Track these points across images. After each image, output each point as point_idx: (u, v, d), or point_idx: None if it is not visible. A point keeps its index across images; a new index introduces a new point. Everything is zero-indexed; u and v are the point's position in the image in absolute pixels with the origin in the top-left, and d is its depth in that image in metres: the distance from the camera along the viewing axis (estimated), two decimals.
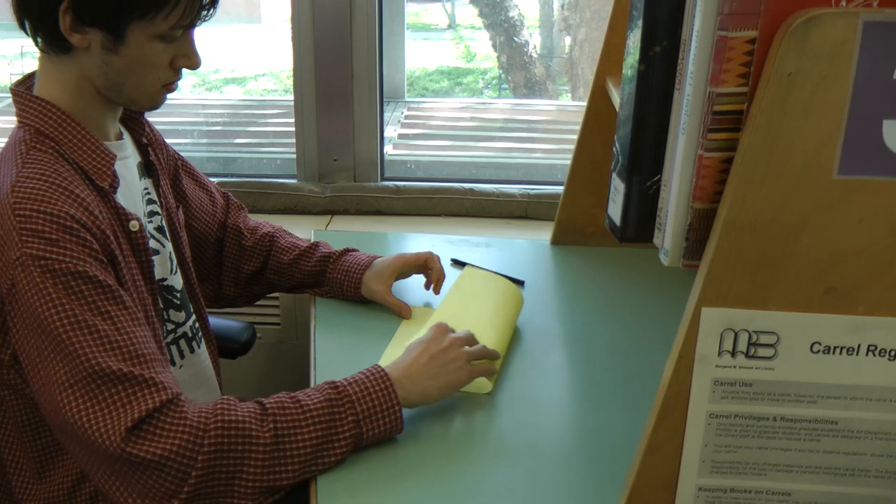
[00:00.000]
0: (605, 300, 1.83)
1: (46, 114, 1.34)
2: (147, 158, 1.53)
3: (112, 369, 1.18)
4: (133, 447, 1.16)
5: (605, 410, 1.44)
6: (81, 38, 1.29)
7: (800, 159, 0.90)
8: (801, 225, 0.92)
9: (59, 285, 1.20)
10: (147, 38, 1.30)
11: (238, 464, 1.21)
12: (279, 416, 1.25)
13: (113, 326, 1.22)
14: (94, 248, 1.25)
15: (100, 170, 1.35)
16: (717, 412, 1.00)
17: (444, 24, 6.46)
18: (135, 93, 1.37)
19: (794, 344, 0.97)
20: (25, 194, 1.23)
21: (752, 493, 1.04)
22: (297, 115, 2.32)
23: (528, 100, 3.93)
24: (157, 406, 1.19)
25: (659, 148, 1.02)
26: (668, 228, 0.99)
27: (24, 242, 1.21)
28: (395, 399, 1.32)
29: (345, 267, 1.74)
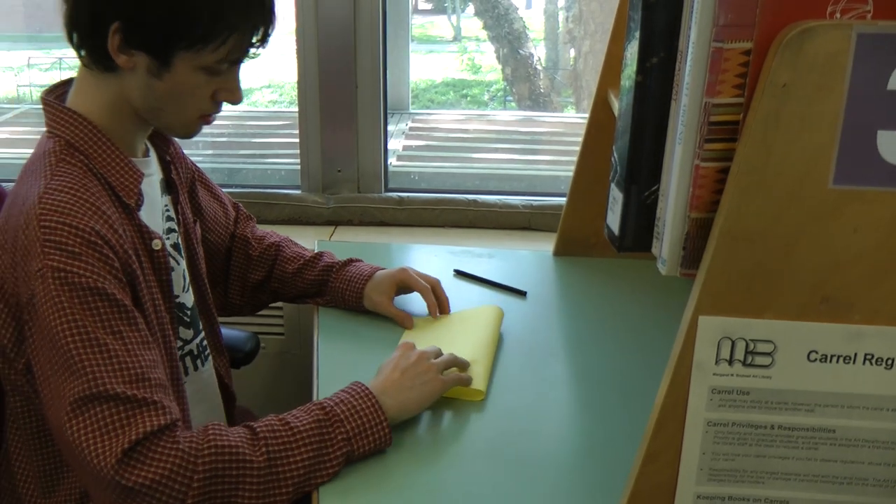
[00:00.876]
0: (607, 311, 1.84)
1: (78, 127, 1.34)
2: (169, 175, 1.54)
3: (115, 391, 1.18)
4: (125, 473, 1.16)
5: (605, 420, 1.44)
6: (127, 60, 1.30)
7: (795, 170, 0.91)
8: (797, 235, 0.93)
9: (76, 299, 1.20)
10: (192, 69, 1.31)
11: (233, 488, 1.21)
12: (270, 439, 1.25)
13: (123, 347, 1.21)
14: (114, 266, 1.25)
15: (127, 187, 1.35)
16: (715, 420, 1.01)
17: (450, 37, 6.49)
18: (172, 120, 1.38)
19: (791, 352, 0.97)
20: (52, 206, 1.24)
21: (750, 502, 1.05)
22: (301, 127, 2.33)
23: (532, 112, 3.94)
24: (153, 430, 1.18)
25: (657, 158, 1.03)
26: (666, 238, 1.00)
27: (47, 254, 1.21)
28: (382, 415, 1.33)
29: (347, 277, 1.75)
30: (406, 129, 2.93)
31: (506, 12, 3.97)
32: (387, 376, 1.40)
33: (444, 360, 1.46)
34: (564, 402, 1.52)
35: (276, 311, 2.19)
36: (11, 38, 5.22)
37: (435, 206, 2.33)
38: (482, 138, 3.00)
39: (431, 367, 1.43)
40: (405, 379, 1.40)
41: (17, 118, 3.35)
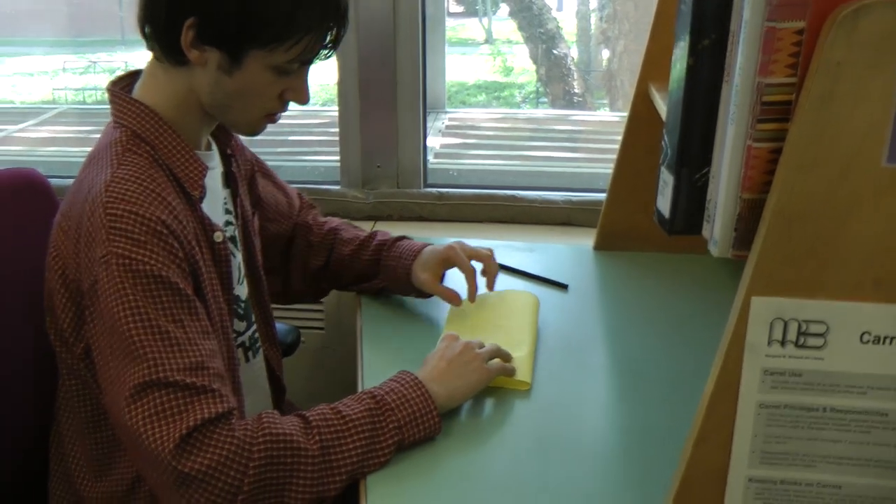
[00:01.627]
0: (649, 303, 1.83)
1: (145, 118, 1.36)
2: (229, 168, 1.56)
3: (175, 379, 1.19)
4: (182, 459, 1.17)
5: (650, 409, 1.45)
6: (199, 56, 1.32)
7: (848, 148, 0.90)
8: (849, 214, 0.92)
9: (139, 287, 1.22)
10: (263, 67, 1.33)
11: (287, 476, 1.22)
12: (323, 428, 1.26)
13: (184, 335, 1.23)
14: (178, 256, 1.27)
15: (192, 179, 1.37)
16: (767, 402, 1.00)
17: (481, 39, 6.50)
18: (238, 117, 1.40)
19: (844, 334, 0.97)
20: (118, 195, 1.25)
21: (802, 486, 1.04)
22: (341, 122, 2.35)
23: (567, 110, 3.94)
24: (211, 417, 1.19)
25: (707, 140, 1.03)
26: (717, 219, 1.00)
27: (112, 241, 1.23)
28: (432, 403, 1.34)
29: (397, 254, 1.74)
30: (443, 127, 2.94)
31: (539, 13, 3.98)
32: (434, 366, 1.42)
33: (489, 350, 1.47)
34: (608, 391, 1.52)
35: (316, 305, 2.20)
36: (48, 42, 5.31)
37: (475, 202, 2.34)
38: (519, 136, 3.00)
39: (477, 357, 1.44)
40: (452, 368, 1.41)
41: (56, 118, 3.40)
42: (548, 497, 1.24)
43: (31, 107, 4.16)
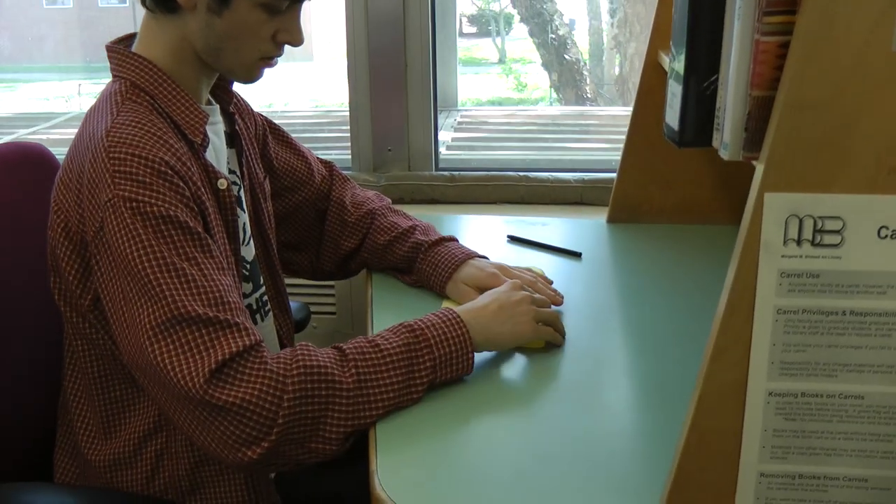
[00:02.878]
0: (662, 270, 1.82)
1: (143, 69, 1.36)
2: (232, 128, 1.55)
3: (198, 312, 1.18)
4: (215, 391, 1.15)
5: (664, 364, 1.43)
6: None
7: (858, 35, 0.89)
8: (862, 102, 0.90)
9: (149, 228, 1.21)
10: (252, 5, 1.32)
11: (323, 409, 1.21)
12: (360, 360, 1.25)
13: (200, 272, 1.22)
14: (185, 196, 1.26)
15: (193, 126, 1.36)
16: (785, 307, 0.98)
17: (495, 59, 6.51)
18: (233, 60, 1.39)
19: (861, 229, 0.94)
20: (120, 139, 1.25)
21: (823, 398, 1.02)
22: (351, 106, 2.35)
23: (581, 107, 3.94)
24: (239, 350, 1.18)
25: (715, 48, 1.01)
26: (727, 120, 0.98)
27: (117, 184, 1.22)
28: (469, 345, 1.32)
29: (434, 261, 1.66)
30: (455, 122, 2.94)
31: (551, 18, 3.98)
32: (484, 305, 1.40)
33: (546, 312, 1.45)
34: (624, 349, 1.50)
35: (328, 289, 2.19)
36: (62, 68, 5.36)
37: (486, 183, 2.33)
38: (531, 129, 2.99)
39: (530, 311, 1.42)
40: (501, 313, 1.39)
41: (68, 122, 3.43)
42: (562, 448, 1.22)
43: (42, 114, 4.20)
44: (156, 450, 1.38)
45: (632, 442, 1.23)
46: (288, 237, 1.76)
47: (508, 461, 1.18)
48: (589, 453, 1.20)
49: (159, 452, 1.38)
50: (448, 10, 2.73)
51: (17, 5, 5.21)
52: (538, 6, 3.97)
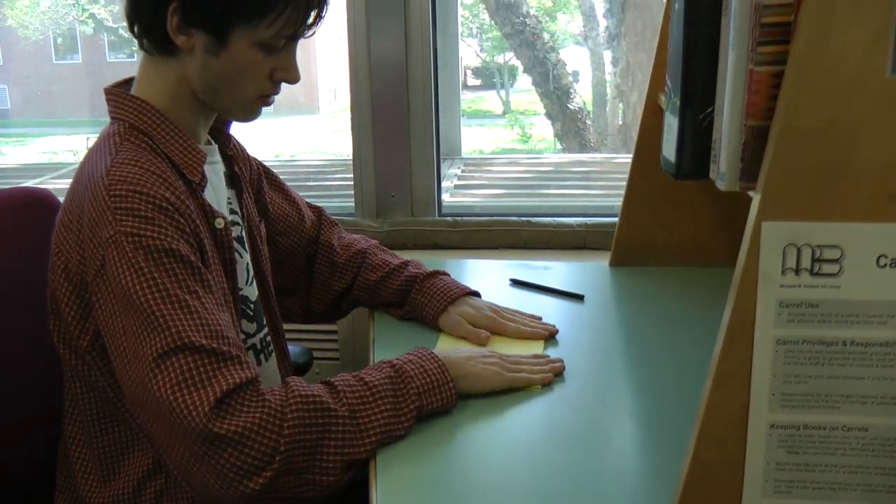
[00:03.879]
0: (666, 313, 1.80)
1: (141, 111, 1.37)
2: (232, 170, 1.56)
3: (201, 343, 1.19)
4: (217, 422, 1.15)
5: (665, 405, 1.41)
6: (186, 40, 1.33)
7: (851, 61, 0.89)
8: (858, 128, 0.90)
9: (151, 261, 1.22)
10: (249, 45, 1.34)
11: (320, 437, 1.21)
12: (349, 392, 1.26)
13: (201, 305, 1.22)
14: (186, 231, 1.27)
15: (191, 165, 1.37)
16: (785, 337, 0.97)
17: (499, 111, 6.57)
18: (231, 100, 1.40)
19: (860, 258, 0.94)
20: (121, 177, 1.26)
21: (826, 430, 1.00)
22: (354, 152, 2.36)
23: (583, 154, 3.96)
24: (241, 382, 1.18)
25: (710, 79, 1.02)
26: (723, 151, 0.98)
27: (119, 220, 1.23)
28: (447, 374, 1.34)
29: (430, 293, 1.68)
30: (458, 172, 2.95)
31: (554, 68, 4.01)
32: (453, 353, 1.42)
33: (514, 363, 1.46)
34: (624, 390, 1.48)
35: (330, 334, 2.18)
36: (71, 122, 5.42)
37: (489, 228, 2.33)
38: (535, 177, 3.00)
39: (497, 363, 1.43)
40: (470, 361, 1.41)
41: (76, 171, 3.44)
42: (564, 485, 1.21)
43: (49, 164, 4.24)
44: (155, 491, 1.37)
45: (634, 478, 1.21)
46: (280, 282, 1.77)
47: (511, 497, 1.17)
48: (592, 489, 1.18)
49: (158, 494, 1.37)
50: (452, 63, 2.76)
51: (27, 61, 5.29)
52: (542, 57, 4.00)
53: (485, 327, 1.61)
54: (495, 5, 3.95)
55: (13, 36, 4.94)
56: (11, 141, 5.44)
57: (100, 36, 5.03)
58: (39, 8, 4.92)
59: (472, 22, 5.24)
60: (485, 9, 4.26)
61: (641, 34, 3.85)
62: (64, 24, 4.70)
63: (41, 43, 5.05)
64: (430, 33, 2.27)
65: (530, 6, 4.08)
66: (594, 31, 4.38)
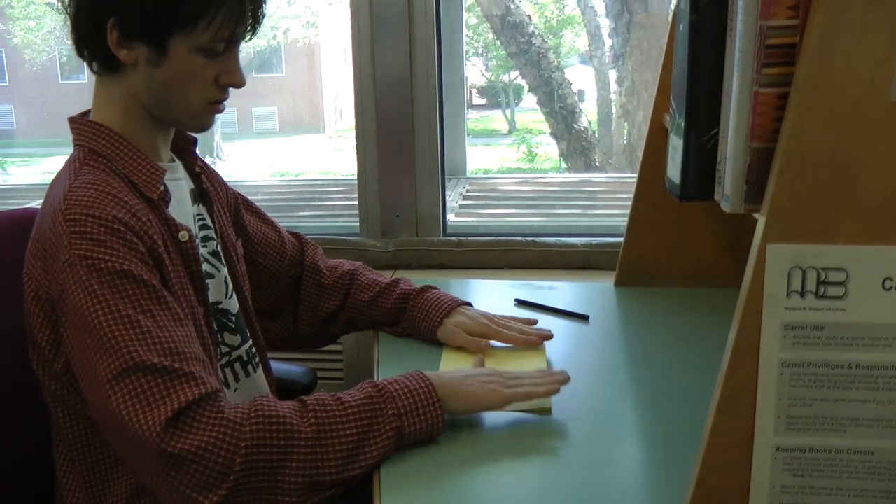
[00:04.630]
0: (671, 333, 1.79)
1: (98, 134, 1.39)
2: (200, 186, 1.56)
3: (153, 362, 1.19)
4: (171, 440, 1.16)
5: (671, 426, 1.41)
6: (128, 54, 1.35)
7: (856, 83, 0.89)
8: (862, 151, 0.90)
9: (104, 283, 1.23)
10: (188, 51, 1.35)
11: (280, 458, 1.20)
12: (320, 411, 1.25)
13: (155, 324, 1.23)
14: (139, 250, 1.27)
15: (149, 183, 1.38)
16: (790, 360, 0.97)
17: (505, 130, 6.58)
18: (180, 109, 1.41)
19: (865, 281, 0.94)
20: (76, 201, 1.27)
21: (832, 453, 1.00)
22: (359, 172, 2.37)
23: (589, 174, 3.95)
24: (194, 398, 1.18)
25: (715, 101, 1.02)
26: (728, 173, 0.98)
27: (73, 245, 1.24)
28: (435, 396, 1.32)
29: (424, 306, 1.72)
30: (463, 191, 2.95)
31: (559, 87, 4.01)
32: (449, 373, 1.41)
33: (515, 381, 1.42)
34: (631, 411, 1.47)
35: (335, 354, 2.18)
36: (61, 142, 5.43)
37: (494, 248, 2.33)
38: (540, 196, 3.00)
39: (496, 381, 1.41)
40: (466, 379, 1.39)
41: None
42: None
43: None
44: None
45: (640, 500, 1.20)
46: (262, 305, 1.77)
47: None
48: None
49: None
50: (457, 82, 2.76)
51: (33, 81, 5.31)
52: (546, 76, 4.00)
53: (480, 335, 1.64)
54: (500, 24, 3.95)
55: (19, 56, 4.96)
56: (17, 161, 5.46)
57: None
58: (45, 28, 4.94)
59: (477, 41, 5.25)
60: (489, 28, 4.26)
61: (647, 54, 3.85)
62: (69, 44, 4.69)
63: (47, 63, 5.06)
64: (434, 53, 2.28)
65: (536, 26, 4.09)
66: (599, 49, 4.38)
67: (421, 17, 2.25)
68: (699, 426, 1.03)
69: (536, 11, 4.73)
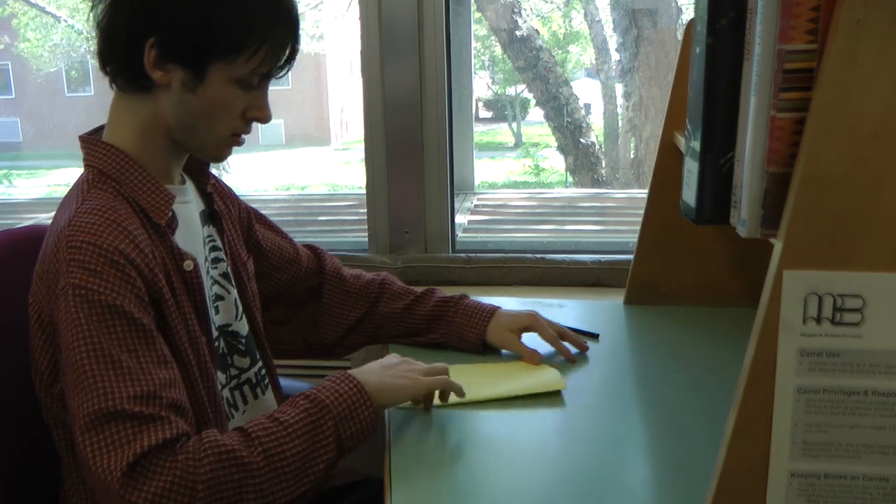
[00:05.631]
0: (681, 351, 1.79)
1: (110, 156, 1.37)
2: (211, 207, 1.55)
3: (124, 408, 1.18)
4: (131, 489, 1.15)
5: (682, 442, 1.40)
6: (163, 76, 1.33)
7: (875, 109, 0.89)
8: (880, 177, 0.90)
9: (93, 316, 1.21)
10: (225, 81, 1.34)
11: (237, 492, 1.20)
12: (263, 437, 1.24)
13: (137, 364, 1.21)
14: (136, 286, 1.26)
15: (157, 208, 1.36)
16: (806, 386, 0.96)
17: (512, 143, 6.58)
18: (205, 137, 1.40)
19: (882, 308, 0.93)
20: (80, 227, 1.26)
21: (847, 480, 0.99)
22: (368, 189, 2.36)
23: (597, 189, 3.95)
24: (155, 444, 1.17)
25: (731, 124, 1.02)
26: (744, 197, 0.98)
27: (70, 272, 1.23)
28: (366, 395, 1.33)
29: (468, 311, 1.74)
30: (471, 206, 2.95)
31: (567, 102, 4.02)
32: (366, 367, 1.42)
33: (430, 367, 1.46)
34: (642, 429, 1.47)
35: (343, 368, 2.17)
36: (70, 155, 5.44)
37: (503, 265, 2.32)
38: (548, 212, 3.00)
39: (413, 369, 1.44)
40: (385, 370, 1.41)
41: None
42: None
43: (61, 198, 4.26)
44: None
45: None
46: (276, 315, 1.76)
47: None
48: None
49: None
50: (464, 95, 2.76)
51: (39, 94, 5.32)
52: (554, 90, 4.01)
53: (527, 326, 1.73)
54: (508, 39, 3.96)
55: (26, 69, 4.97)
56: (24, 174, 5.47)
57: None
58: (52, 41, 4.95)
59: (484, 54, 5.25)
60: (496, 41, 4.26)
61: (654, 69, 3.86)
62: (76, 56, 4.71)
63: (53, 76, 5.07)
64: (444, 69, 2.27)
65: (544, 39, 4.10)
66: (606, 63, 4.39)
67: (430, 33, 2.25)
68: (710, 446, 1.03)
69: (544, 25, 4.73)
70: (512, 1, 3.84)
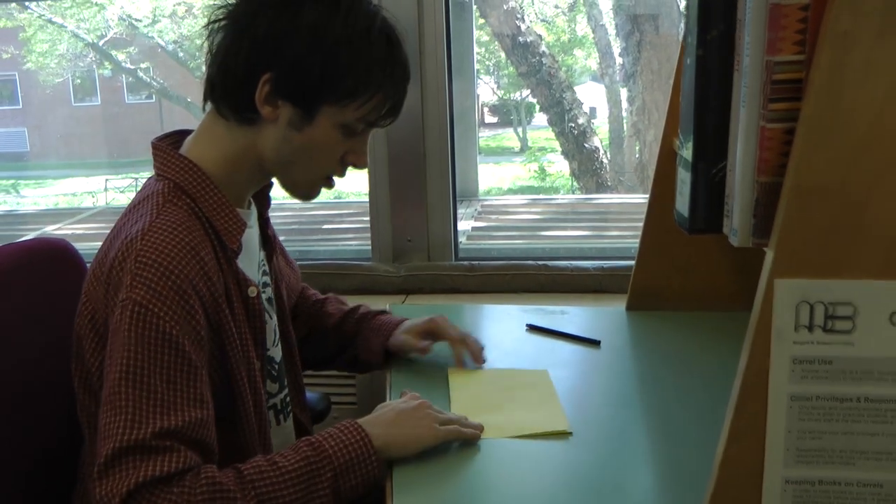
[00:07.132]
0: (683, 358, 1.79)
1: (188, 171, 1.36)
2: (265, 232, 1.56)
3: (147, 442, 1.18)
4: None
5: (684, 451, 1.40)
6: (272, 111, 1.33)
7: (863, 119, 0.89)
8: (870, 186, 0.91)
9: (145, 338, 1.21)
10: (332, 125, 1.34)
11: None
12: (258, 481, 1.23)
13: (172, 399, 1.21)
14: (195, 319, 1.25)
15: (231, 232, 1.36)
16: (799, 394, 0.97)
17: (517, 148, 6.57)
18: (301, 176, 1.41)
19: (873, 315, 0.94)
20: (152, 244, 1.25)
21: (841, 486, 1.00)
22: (371, 198, 2.38)
23: (600, 194, 3.95)
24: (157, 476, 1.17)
25: (722, 134, 1.02)
26: (736, 206, 0.99)
27: (133, 287, 1.23)
28: (371, 449, 1.30)
29: (377, 325, 1.73)
30: (475, 212, 2.96)
31: (571, 107, 4.02)
32: (381, 414, 1.38)
33: (445, 416, 1.42)
34: (643, 436, 1.47)
35: (348, 379, 2.18)
36: (88, 164, 5.46)
37: (506, 272, 2.33)
38: (551, 218, 3.01)
39: (429, 416, 1.39)
40: (399, 418, 1.36)
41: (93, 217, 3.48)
42: None
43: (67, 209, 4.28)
44: None
45: None
46: None
47: None
48: None
49: None
50: (468, 101, 2.77)
51: (46, 104, 5.35)
52: (558, 95, 4.01)
53: (426, 331, 1.69)
54: (511, 44, 3.97)
55: (32, 79, 4.99)
56: (31, 183, 5.50)
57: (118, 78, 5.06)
58: (58, 51, 4.96)
59: (489, 59, 5.26)
60: (500, 47, 4.27)
61: (657, 73, 3.86)
62: (83, 66, 4.73)
63: (60, 86, 5.09)
64: (445, 76, 2.28)
65: (547, 44, 4.11)
66: (610, 67, 4.39)
67: (431, 41, 2.26)
68: (711, 452, 1.03)
69: (547, 31, 4.74)
70: (515, 6, 3.85)
